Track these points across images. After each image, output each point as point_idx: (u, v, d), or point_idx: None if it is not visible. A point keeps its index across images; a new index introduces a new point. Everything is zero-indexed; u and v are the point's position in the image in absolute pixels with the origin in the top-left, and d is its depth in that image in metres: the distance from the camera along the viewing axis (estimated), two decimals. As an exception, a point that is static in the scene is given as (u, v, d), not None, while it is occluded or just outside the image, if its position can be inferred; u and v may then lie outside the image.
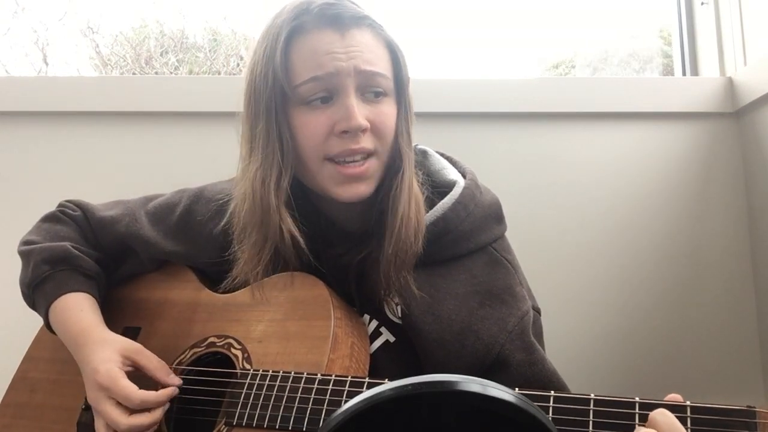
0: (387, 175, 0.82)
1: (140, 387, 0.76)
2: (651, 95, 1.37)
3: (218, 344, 0.83)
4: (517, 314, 0.80)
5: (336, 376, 0.71)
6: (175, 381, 0.80)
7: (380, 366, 0.80)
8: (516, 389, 0.61)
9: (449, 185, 0.86)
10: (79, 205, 0.98)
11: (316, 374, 0.72)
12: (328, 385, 0.70)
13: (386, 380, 0.66)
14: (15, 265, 0.93)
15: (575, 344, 1.31)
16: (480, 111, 1.36)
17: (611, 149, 1.37)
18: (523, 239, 0.98)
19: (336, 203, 0.84)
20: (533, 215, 1.34)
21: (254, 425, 0.72)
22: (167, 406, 0.78)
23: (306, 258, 0.81)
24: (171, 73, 1.70)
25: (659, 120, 1.37)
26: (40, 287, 0.88)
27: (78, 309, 0.86)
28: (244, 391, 0.75)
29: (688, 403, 0.56)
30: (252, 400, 0.74)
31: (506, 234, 0.89)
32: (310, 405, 0.70)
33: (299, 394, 0.71)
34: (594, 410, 0.59)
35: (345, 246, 0.83)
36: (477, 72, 1.60)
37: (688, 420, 0.55)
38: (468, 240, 0.83)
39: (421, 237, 0.80)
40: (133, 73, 1.71)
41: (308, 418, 0.69)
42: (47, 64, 1.69)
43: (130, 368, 0.80)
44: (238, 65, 1.72)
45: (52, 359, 0.92)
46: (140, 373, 0.80)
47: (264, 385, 0.74)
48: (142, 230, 0.93)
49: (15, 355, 0.96)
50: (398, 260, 0.78)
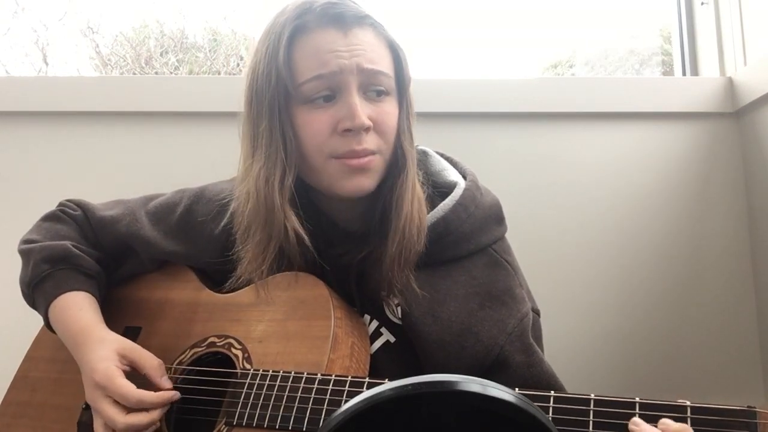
0: (390, 174, 0.82)
1: (138, 386, 0.76)
2: (651, 95, 1.37)
3: (218, 344, 0.83)
4: (517, 316, 0.80)
5: (336, 376, 0.71)
6: (166, 384, 0.79)
7: (381, 366, 0.80)
8: (516, 389, 0.61)
9: (450, 186, 0.87)
10: (80, 205, 0.98)
11: (316, 374, 0.72)
12: (328, 385, 0.70)
13: (386, 380, 0.67)
14: (15, 265, 0.93)
15: (575, 344, 1.31)
16: (480, 111, 1.36)
17: (611, 149, 1.37)
18: (523, 239, 0.98)
19: (337, 203, 0.84)
20: (533, 215, 1.34)
21: (254, 425, 0.73)
22: (167, 408, 0.78)
23: (311, 256, 0.81)
24: (171, 73, 1.70)
25: (659, 120, 1.37)
26: (40, 286, 0.88)
27: (78, 308, 0.86)
28: (245, 391, 0.75)
29: (688, 403, 0.56)
30: (252, 400, 0.74)
31: (506, 234, 0.90)
32: (310, 405, 0.70)
33: (299, 394, 0.71)
34: (594, 410, 0.59)
35: (346, 246, 0.83)
36: (477, 72, 1.60)
37: (688, 420, 0.55)
38: (468, 241, 0.83)
39: (424, 235, 0.80)
40: (133, 73, 1.71)
41: (308, 418, 0.69)
42: (47, 64, 1.69)
43: (127, 368, 0.80)
44: (238, 65, 1.72)
45: (53, 359, 0.92)
46: (137, 373, 0.80)
47: (264, 385, 0.74)
48: (143, 230, 0.93)
49: (15, 355, 0.96)
50: (402, 258, 0.78)
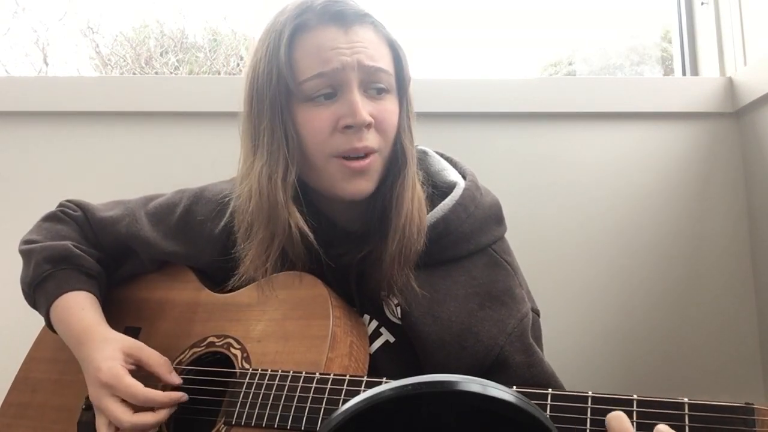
0: (389, 173, 0.82)
1: (145, 385, 0.76)
2: (651, 95, 1.37)
3: (218, 344, 0.83)
4: (517, 316, 0.80)
5: (334, 375, 0.71)
6: (176, 379, 0.80)
7: (380, 366, 0.80)
8: (514, 388, 0.61)
9: (450, 186, 0.87)
10: (80, 205, 0.98)
11: (315, 373, 0.72)
12: (327, 384, 0.70)
13: (384, 379, 0.67)
14: (15, 265, 0.93)
15: (575, 344, 1.31)
16: (480, 111, 1.36)
17: (611, 149, 1.37)
18: (523, 239, 0.98)
19: (337, 203, 0.84)
20: (533, 215, 1.34)
21: (253, 424, 0.73)
22: (173, 408, 0.78)
23: (315, 253, 0.81)
24: (171, 73, 1.70)
25: (659, 120, 1.37)
26: (42, 286, 0.88)
27: (79, 308, 0.86)
28: (243, 391, 0.75)
29: (686, 401, 0.56)
30: (251, 400, 0.74)
31: (506, 234, 0.89)
32: (309, 404, 0.70)
33: (298, 393, 0.71)
34: (591, 408, 0.59)
35: (345, 246, 0.83)
36: (477, 72, 1.60)
37: (686, 417, 0.55)
38: (468, 241, 0.83)
39: (424, 234, 0.80)
40: (133, 73, 1.71)
41: (307, 417, 0.70)
42: (47, 64, 1.69)
43: (133, 366, 0.80)
44: (238, 65, 1.72)
45: (54, 359, 0.92)
46: (142, 372, 0.80)
47: (263, 385, 0.74)
48: (143, 231, 0.93)
49: (16, 356, 0.96)
50: (402, 257, 0.78)
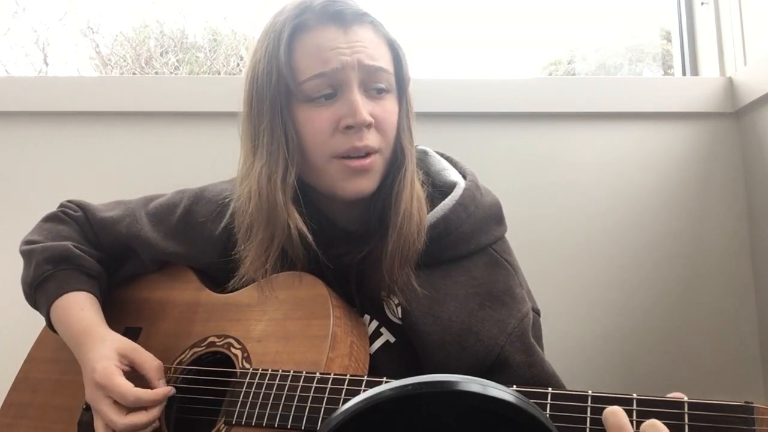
0: (389, 172, 0.82)
1: (138, 386, 0.76)
2: (651, 95, 1.37)
3: (218, 344, 0.83)
4: (517, 316, 0.80)
5: (335, 375, 0.71)
6: (163, 387, 0.79)
7: (381, 366, 0.80)
8: (514, 388, 0.61)
9: (450, 186, 0.86)
10: (80, 206, 0.98)
11: (315, 373, 0.72)
12: (327, 384, 0.70)
13: (384, 379, 0.67)
14: (15, 265, 0.93)
15: (575, 344, 1.31)
16: (480, 111, 1.36)
17: (611, 149, 1.37)
18: (523, 239, 0.98)
19: (337, 203, 0.84)
20: (533, 215, 1.34)
21: (253, 424, 0.73)
22: (164, 404, 0.78)
23: (314, 254, 0.81)
24: (171, 73, 1.70)
25: (659, 120, 1.37)
26: (42, 286, 0.89)
27: (79, 308, 0.86)
28: (244, 390, 0.75)
29: (686, 400, 0.56)
30: (251, 399, 0.74)
31: (506, 234, 0.89)
32: (309, 403, 0.70)
33: (298, 393, 0.71)
34: (591, 407, 0.59)
35: (346, 246, 0.83)
36: (477, 72, 1.60)
37: (686, 416, 0.55)
38: (468, 241, 0.83)
39: (423, 233, 0.80)
40: (133, 73, 1.71)
41: (307, 417, 0.70)
42: (47, 64, 1.69)
43: (127, 368, 0.80)
44: (238, 65, 1.72)
45: (54, 359, 0.92)
46: (137, 374, 0.80)
47: (263, 384, 0.74)
48: (143, 231, 0.93)
49: (16, 356, 0.96)
50: (401, 256, 0.78)
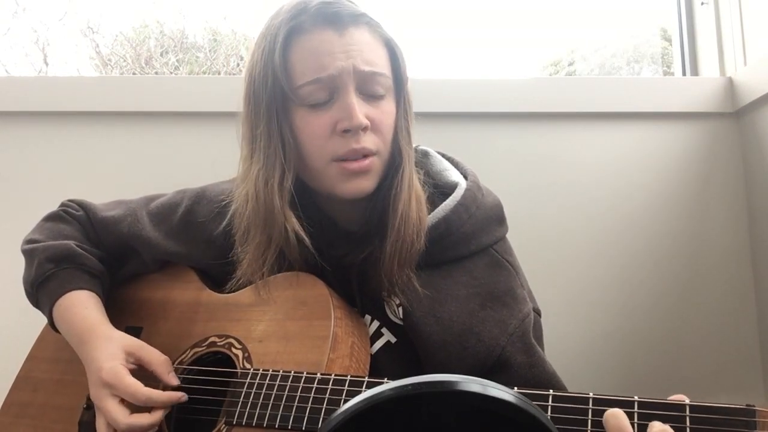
0: (388, 173, 0.82)
1: (144, 385, 0.76)
2: (651, 95, 1.37)
3: (219, 344, 0.83)
4: (518, 316, 0.80)
5: (335, 376, 0.71)
6: (173, 381, 0.80)
7: (381, 367, 0.80)
8: (515, 389, 0.61)
9: (451, 187, 0.86)
10: (82, 205, 0.98)
11: (316, 374, 0.72)
12: (328, 385, 0.70)
13: (386, 380, 0.67)
14: (16, 265, 0.93)
15: (576, 344, 1.31)
16: (480, 111, 1.36)
17: (611, 149, 1.37)
18: (524, 239, 0.98)
19: (338, 203, 0.84)
20: (533, 215, 1.34)
21: (254, 424, 0.73)
22: (169, 408, 0.78)
23: (311, 258, 0.81)
24: (171, 73, 1.70)
25: (659, 120, 1.37)
26: (44, 285, 0.88)
27: (82, 306, 0.86)
28: (245, 391, 0.75)
29: (687, 403, 0.56)
30: (252, 400, 0.74)
31: (507, 234, 0.89)
32: (310, 404, 0.70)
33: (299, 394, 0.71)
34: (593, 409, 0.59)
35: (347, 247, 0.83)
36: (477, 72, 1.60)
37: (687, 419, 0.55)
38: (469, 242, 0.83)
39: (423, 234, 0.80)
40: (133, 73, 1.71)
41: (308, 417, 0.70)
42: (47, 64, 1.69)
43: (134, 366, 0.80)
44: (238, 65, 1.72)
45: (55, 359, 0.92)
46: (143, 373, 0.80)
47: (264, 385, 0.74)
48: (144, 231, 0.93)
49: (17, 355, 0.96)
50: (400, 258, 0.78)
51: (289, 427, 0.70)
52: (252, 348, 0.80)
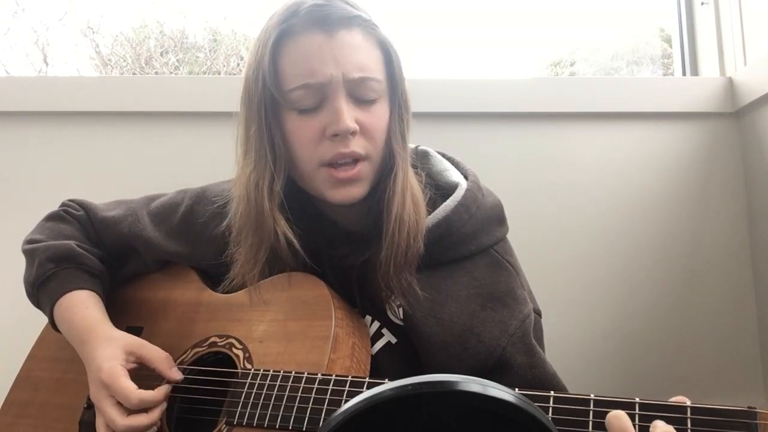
0: (381, 177, 0.81)
1: (142, 387, 0.76)
2: (651, 95, 1.37)
3: (220, 344, 0.83)
4: (519, 317, 0.80)
5: (336, 376, 0.71)
6: (177, 375, 0.80)
7: (382, 367, 0.80)
8: (516, 390, 0.61)
9: (451, 187, 0.86)
10: (82, 205, 0.98)
11: (317, 374, 0.72)
12: (329, 385, 0.70)
13: (386, 380, 0.67)
14: (16, 265, 0.93)
15: (576, 344, 1.32)
16: (480, 111, 1.36)
17: (611, 149, 1.37)
18: (524, 239, 0.98)
19: (335, 205, 0.84)
20: (533, 215, 1.34)
21: (254, 425, 0.73)
22: (164, 406, 0.78)
23: (302, 260, 0.81)
24: (171, 73, 1.70)
25: (659, 120, 1.37)
26: (45, 285, 0.89)
27: (83, 306, 0.86)
28: (245, 391, 0.75)
29: (688, 404, 0.56)
30: (253, 400, 0.74)
31: (507, 234, 0.89)
32: (311, 405, 0.70)
33: (300, 394, 0.71)
34: (594, 410, 0.59)
35: (347, 248, 0.83)
36: (477, 72, 1.60)
37: (688, 421, 0.55)
38: (470, 242, 0.83)
39: (421, 237, 0.79)
40: (133, 73, 1.71)
41: (308, 418, 0.70)
42: (47, 64, 1.69)
43: (135, 365, 0.80)
44: (238, 65, 1.72)
45: (56, 358, 0.93)
46: (143, 373, 0.80)
47: (265, 385, 0.74)
48: (145, 231, 0.93)
49: (17, 355, 0.96)
50: (395, 262, 0.78)
51: (290, 428, 0.70)
52: (253, 348, 0.80)
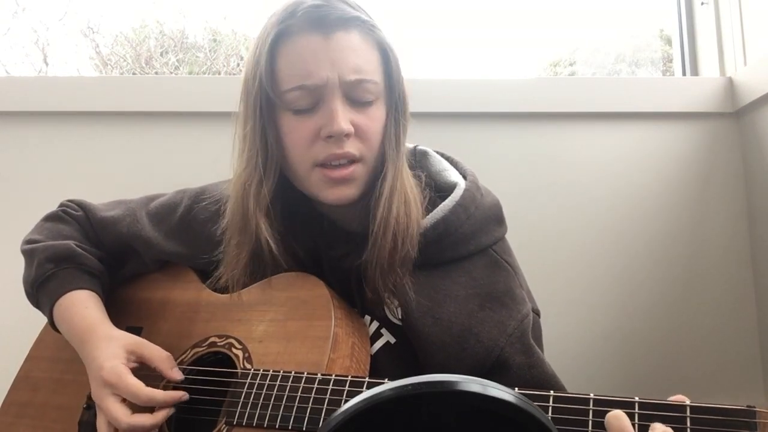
0: (376, 179, 0.81)
1: (144, 383, 0.76)
2: (651, 95, 1.37)
3: (219, 344, 0.83)
4: (517, 317, 0.80)
5: (336, 376, 0.71)
6: (177, 375, 0.80)
7: (381, 367, 0.80)
8: (516, 389, 0.61)
9: (450, 187, 0.86)
10: (81, 205, 0.98)
11: (317, 374, 0.72)
12: (328, 385, 0.70)
13: (386, 380, 0.67)
14: (15, 265, 0.93)
15: (575, 344, 1.31)
16: (480, 111, 1.36)
17: (611, 149, 1.37)
18: (523, 240, 0.98)
19: (332, 206, 0.84)
20: (533, 215, 1.34)
21: (254, 425, 0.73)
22: (171, 411, 0.77)
23: (281, 264, 0.81)
24: (171, 73, 1.70)
25: (659, 120, 1.37)
26: (45, 285, 0.88)
27: (83, 306, 0.86)
28: (245, 391, 0.75)
29: (688, 403, 0.56)
30: (252, 400, 0.74)
31: (506, 235, 0.89)
32: (310, 404, 0.70)
33: (299, 394, 0.71)
34: (593, 410, 0.59)
35: (346, 248, 0.83)
36: (477, 72, 1.60)
37: (688, 420, 0.55)
38: (468, 242, 0.83)
39: (410, 241, 0.79)
40: (133, 73, 1.71)
41: (308, 418, 0.70)
42: (47, 64, 1.69)
43: (135, 364, 0.80)
44: (238, 65, 1.72)
45: (55, 358, 0.92)
46: (142, 373, 0.80)
47: (264, 385, 0.74)
48: (144, 231, 0.93)
49: (17, 355, 0.96)
50: (379, 265, 0.78)
51: (290, 428, 0.70)
52: (252, 348, 0.80)
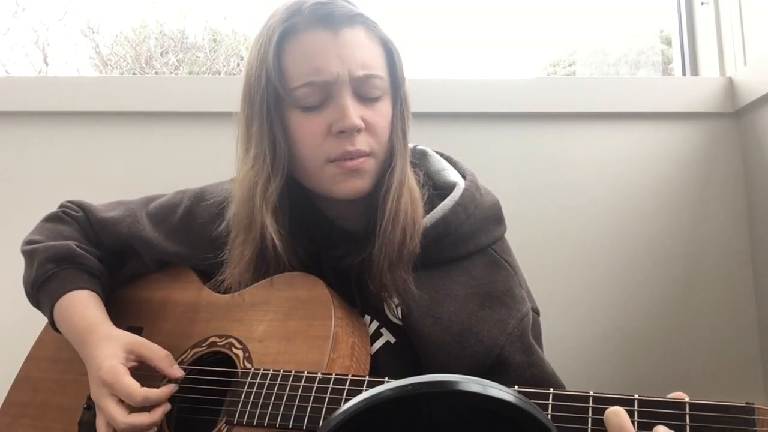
0: (383, 174, 0.82)
1: (146, 383, 0.76)
2: (651, 95, 1.37)
3: (219, 344, 0.83)
4: (517, 316, 0.80)
5: (336, 375, 0.71)
6: (177, 373, 0.80)
7: (381, 367, 0.80)
8: (516, 388, 0.61)
9: (449, 186, 0.86)
10: (81, 206, 0.98)
11: (317, 373, 0.72)
12: (329, 384, 0.70)
13: (386, 379, 0.67)
14: (15, 265, 0.93)
15: (575, 344, 1.31)
16: (480, 111, 1.36)
17: (611, 149, 1.37)
18: (523, 239, 0.98)
19: (336, 204, 0.84)
20: (533, 215, 1.34)
21: (254, 424, 0.73)
22: (168, 407, 0.78)
23: (284, 263, 0.81)
24: (171, 73, 1.70)
25: (659, 120, 1.37)
26: (45, 285, 0.89)
27: (83, 306, 0.86)
28: (245, 390, 0.75)
29: (687, 400, 0.56)
30: (252, 399, 0.74)
31: (506, 234, 0.89)
32: (311, 404, 0.70)
33: (299, 393, 0.71)
34: (593, 407, 0.59)
35: (346, 248, 0.83)
36: (477, 72, 1.60)
37: (687, 417, 0.55)
38: (468, 242, 0.83)
39: (417, 237, 0.79)
40: (133, 73, 1.71)
41: (308, 417, 0.70)
42: (47, 64, 1.69)
43: (135, 363, 0.80)
44: (238, 65, 1.72)
45: (55, 359, 0.93)
46: (143, 372, 0.80)
47: (264, 384, 0.74)
48: (144, 231, 0.93)
49: (17, 355, 0.96)
50: (389, 258, 0.78)
51: (290, 427, 0.70)
52: (252, 348, 0.80)
